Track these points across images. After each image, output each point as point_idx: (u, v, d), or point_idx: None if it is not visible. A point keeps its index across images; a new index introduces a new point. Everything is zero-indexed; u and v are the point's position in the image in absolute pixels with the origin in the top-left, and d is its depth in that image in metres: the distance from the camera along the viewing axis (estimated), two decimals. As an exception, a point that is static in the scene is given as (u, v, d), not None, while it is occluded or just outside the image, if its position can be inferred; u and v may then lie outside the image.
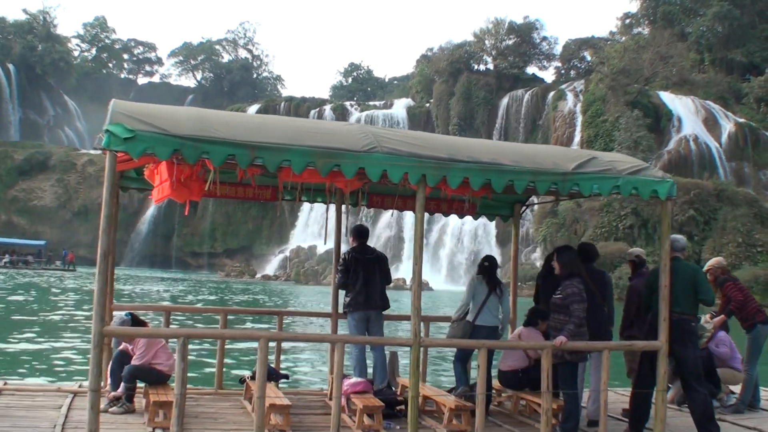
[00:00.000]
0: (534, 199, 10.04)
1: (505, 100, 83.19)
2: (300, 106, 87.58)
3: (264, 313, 15.48)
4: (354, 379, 7.84)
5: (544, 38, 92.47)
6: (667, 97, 71.83)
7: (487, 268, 8.67)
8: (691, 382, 7.40)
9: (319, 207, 75.81)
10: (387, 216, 71.39)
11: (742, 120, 69.10)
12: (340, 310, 9.01)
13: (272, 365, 8.62)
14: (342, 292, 8.90)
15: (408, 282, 61.87)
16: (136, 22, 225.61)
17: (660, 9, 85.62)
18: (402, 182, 6.45)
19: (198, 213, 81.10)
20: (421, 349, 6.82)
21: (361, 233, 9.10)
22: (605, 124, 67.71)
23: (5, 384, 8.62)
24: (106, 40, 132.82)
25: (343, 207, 9.56)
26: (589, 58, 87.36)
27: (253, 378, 8.17)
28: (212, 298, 39.23)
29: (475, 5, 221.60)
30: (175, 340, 6.14)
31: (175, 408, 5.94)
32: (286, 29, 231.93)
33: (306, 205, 74.72)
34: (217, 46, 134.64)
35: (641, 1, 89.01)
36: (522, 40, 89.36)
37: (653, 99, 70.37)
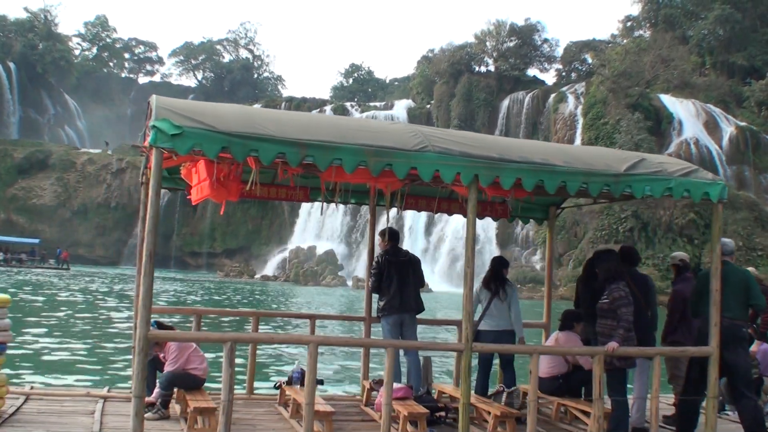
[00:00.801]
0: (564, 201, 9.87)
1: (505, 102, 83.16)
2: (300, 107, 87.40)
3: (296, 316, 15.29)
4: (396, 385, 7.66)
5: (546, 40, 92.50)
6: (668, 100, 71.84)
7: (488, 272, 8.69)
8: (741, 389, 7.25)
9: (319, 208, 75.60)
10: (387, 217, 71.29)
11: (743, 123, 69.16)
12: (374, 313, 8.86)
13: (302, 369, 8.43)
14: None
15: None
16: (137, 21, 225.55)
17: (661, 12, 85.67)
18: (452, 183, 6.30)
19: (197, 213, 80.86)
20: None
21: (392, 235, 8.92)
22: (606, 127, 67.66)
23: (32, 388, 8.44)
24: (107, 39, 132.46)
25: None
26: (590, 60, 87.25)
27: (289, 383, 8.01)
28: (217, 298, 39.04)
29: (477, 7, 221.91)
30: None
31: (222, 415, 5.77)
32: (287, 29, 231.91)
33: (305, 206, 74.46)
34: (218, 46, 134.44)
35: (643, 4, 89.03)
36: (523, 42, 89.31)
37: (654, 102, 70.37)
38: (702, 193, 6.73)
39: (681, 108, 71.18)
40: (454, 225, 66.48)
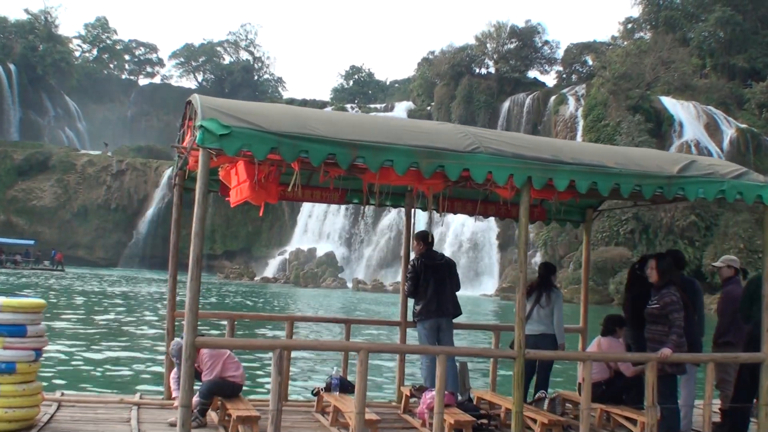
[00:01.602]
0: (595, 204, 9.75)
1: (506, 104, 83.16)
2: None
3: (332, 321, 15.12)
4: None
5: (546, 42, 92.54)
6: (669, 102, 71.85)
7: (536, 279, 8.76)
8: None
9: (319, 209, 75.95)
10: (388, 218, 71.20)
11: (743, 126, 69.18)
12: (409, 318, 8.73)
13: (341, 376, 8.28)
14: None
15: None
16: (137, 22, 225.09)
17: (662, 14, 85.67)
18: (501, 185, 6.18)
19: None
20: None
21: (427, 238, 8.77)
22: (606, 129, 67.65)
23: (62, 395, 8.29)
24: (108, 41, 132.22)
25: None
26: (590, 62, 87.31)
27: (327, 390, 7.87)
28: (226, 301, 38.87)
29: (477, 9, 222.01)
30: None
31: (272, 425, 5.63)
32: (288, 31, 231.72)
33: (306, 208, 74.43)
34: (219, 48, 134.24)
35: (643, 6, 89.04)
36: (524, 44, 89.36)
37: (655, 104, 70.38)
38: (755, 196, 6.59)
39: (682, 110, 71.22)
40: (454, 227, 66.43)
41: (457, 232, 66.84)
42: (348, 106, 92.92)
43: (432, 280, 8.43)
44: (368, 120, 6.47)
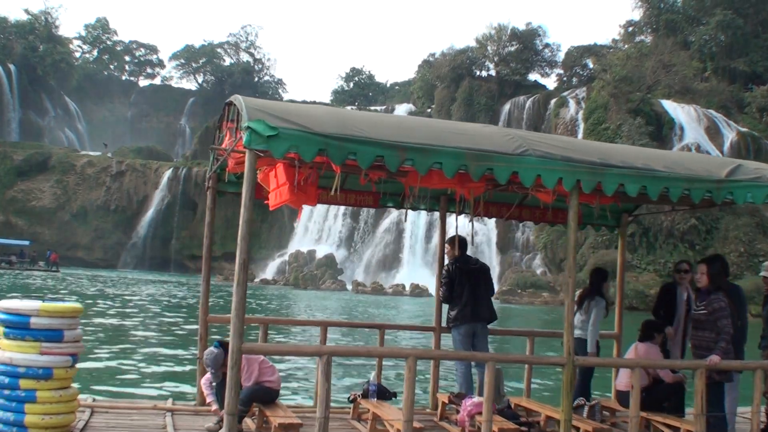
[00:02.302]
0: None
1: (506, 107, 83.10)
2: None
3: (365, 326, 15.03)
4: (477, 398, 7.39)
5: (547, 45, 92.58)
6: (670, 106, 71.88)
7: (586, 287, 8.64)
8: None
9: (319, 211, 75.77)
10: (388, 220, 71.09)
11: (744, 129, 69.22)
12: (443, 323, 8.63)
13: (376, 382, 8.17)
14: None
15: (407, 288, 61.60)
16: (137, 24, 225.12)
17: (663, 17, 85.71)
18: (554, 189, 6.12)
19: (197, 216, 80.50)
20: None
21: (462, 243, 8.68)
22: (607, 132, 67.61)
23: (94, 401, 8.21)
24: (108, 42, 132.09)
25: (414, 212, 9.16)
26: (591, 65, 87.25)
27: (364, 396, 7.76)
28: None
29: (478, 11, 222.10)
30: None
31: None
32: (288, 33, 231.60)
33: (305, 210, 74.22)
34: (219, 49, 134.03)
35: (644, 9, 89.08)
36: (524, 47, 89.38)
37: (655, 107, 70.40)
38: None
39: (682, 113, 71.23)
40: (454, 229, 66.25)
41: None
42: (348, 107, 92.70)
43: (467, 285, 8.34)
44: (414, 122, 6.40)
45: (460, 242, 8.66)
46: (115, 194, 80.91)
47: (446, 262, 8.84)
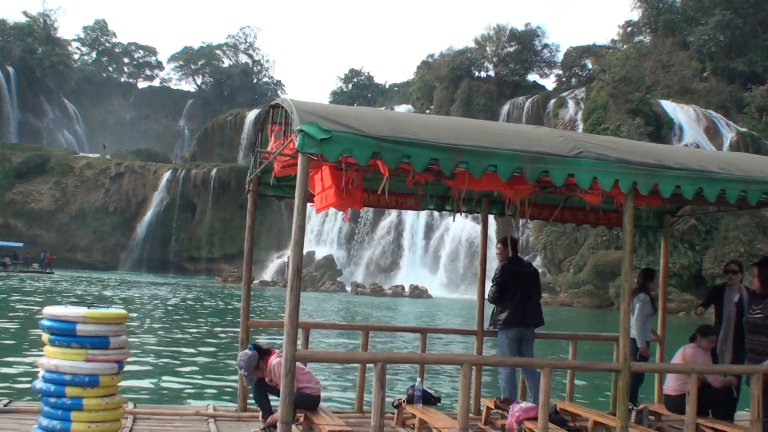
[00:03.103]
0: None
1: (505, 107, 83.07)
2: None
3: (407, 330, 14.97)
4: (525, 404, 7.32)
5: (546, 45, 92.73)
6: (669, 106, 71.80)
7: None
8: None
9: (320, 213, 75.49)
10: (386, 222, 71.07)
11: (743, 129, 69.08)
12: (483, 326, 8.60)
13: (421, 387, 8.02)
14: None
15: (407, 289, 61.51)
16: (136, 25, 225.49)
17: (661, 18, 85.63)
18: (605, 191, 6.06)
19: (196, 218, 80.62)
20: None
21: (515, 244, 8.66)
22: (606, 132, 67.40)
23: (135, 406, 8.21)
24: (107, 44, 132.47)
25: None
26: (590, 65, 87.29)
27: (409, 401, 7.70)
28: (228, 306, 38.69)
29: (477, 12, 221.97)
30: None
31: None
32: (287, 34, 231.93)
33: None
34: (218, 51, 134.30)
35: (643, 9, 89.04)
36: (523, 47, 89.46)
37: (655, 107, 70.31)
38: None
39: (681, 113, 71.14)
40: (453, 230, 66.25)
41: (456, 234, 66.65)
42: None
43: (519, 288, 8.32)
44: (467, 123, 6.31)
45: (512, 243, 8.61)
46: (113, 196, 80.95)
47: (497, 263, 8.80)
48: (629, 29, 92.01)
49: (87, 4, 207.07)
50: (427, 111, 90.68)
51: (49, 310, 6.30)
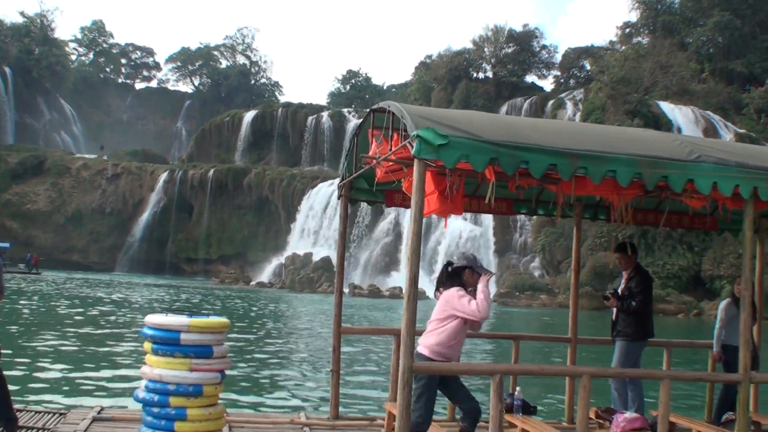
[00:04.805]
0: None
1: (503, 109, 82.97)
2: (297, 113, 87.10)
3: (500, 337, 14.88)
4: (630, 414, 7.12)
5: (544, 46, 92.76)
6: (667, 107, 71.74)
7: None
8: None
9: (315, 213, 75.48)
10: (384, 223, 70.87)
11: (742, 131, 68.99)
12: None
13: (520, 396, 7.83)
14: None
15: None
16: (134, 26, 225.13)
17: (660, 19, 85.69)
18: (712, 194, 5.89)
19: (193, 219, 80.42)
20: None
21: (636, 250, 8.52)
22: (604, 133, 67.43)
23: (227, 414, 8.13)
24: (104, 45, 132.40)
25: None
26: (588, 67, 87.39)
27: (508, 411, 7.51)
28: (243, 304, 38.42)
29: (475, 13, 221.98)
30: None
31: None
32: (285, 36, 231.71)
33: (302, 212, 74.06)
34: (215, 52, 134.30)
35: (641, 11, 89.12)
36: (521, 48, 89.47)
37: (653, 108, 70.23)
38: None
39: (680, 115, 71.08)
40: (450, 231, 66.09)
41: (454, 237, 66.47)
42: (345, 110, 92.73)
43: (651, 296, 8.23)
44: (583, 128, 6.27)
45: (633, 249, 8.47)
46: (110, 197, 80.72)
47: (623, 272, 8.58)
48: (627, 30, 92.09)
49: (84, 4, 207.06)
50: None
51: (152, 318, 6.32)
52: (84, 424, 7.46)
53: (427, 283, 60.48)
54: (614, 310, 8.45)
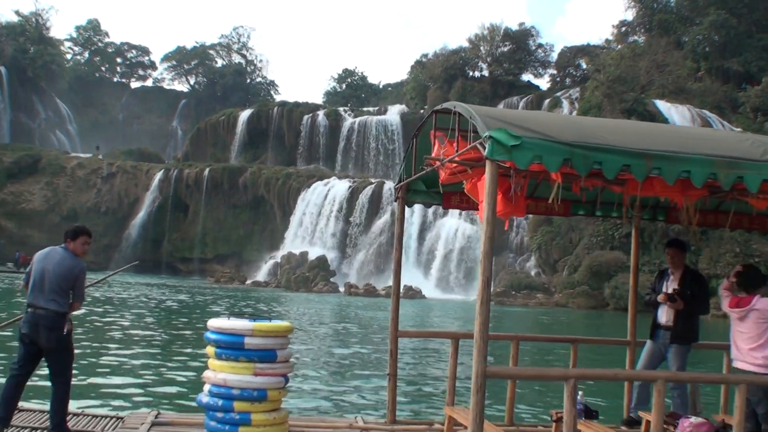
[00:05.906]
0: None
1: (499, 107, 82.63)
2: (293, 111, 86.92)
3: (558, 340, 14.73)
4: (695, 419, 7.00)
5: (540, 45, 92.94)
6: (663, 106, 71.71)
7: None
8: None
9: (311, 212, 75.33)
10: (380, 222, 70.72)
11: (738, 129, 68.70)
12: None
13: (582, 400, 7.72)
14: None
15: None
16: (129, 25, 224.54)
17: (656, 17, 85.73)
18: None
19: (189, 218, 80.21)
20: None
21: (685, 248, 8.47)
22: (601, 132, 67.37)
23: None
24: (99, 44, 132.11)
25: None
26: (584, 65, 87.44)
27: (582, 416, 7.43)
28: (248, 303, 38.29)
29: (471, 11, 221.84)
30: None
31: None
32: (280, 34, 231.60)
33: (298, 211, 73.88)
34: (211, 51, 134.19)
35: (637, 9, 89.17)
36: (517, 47, 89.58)
37: (649, 107, 70.17)
38: None
39: (676, 113, 71.03)
40: (447, 231, 66.00)
41: (449, 235, 66.37)
42: (341, 109, 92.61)
43: None
44: (655, 128, 6.11)
45: (683, 247, 8.42)
46: (105, 196, 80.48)
47: (669, 269, 8.50)
48: (623, 29, 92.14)
49: (79, 3, 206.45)
50: (421, 111, 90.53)
51: (215, 322, 6.31)
52: (143, 428, 7.47)
53: (423, 283, 60.71)
54: (661, 310, 8.35)
